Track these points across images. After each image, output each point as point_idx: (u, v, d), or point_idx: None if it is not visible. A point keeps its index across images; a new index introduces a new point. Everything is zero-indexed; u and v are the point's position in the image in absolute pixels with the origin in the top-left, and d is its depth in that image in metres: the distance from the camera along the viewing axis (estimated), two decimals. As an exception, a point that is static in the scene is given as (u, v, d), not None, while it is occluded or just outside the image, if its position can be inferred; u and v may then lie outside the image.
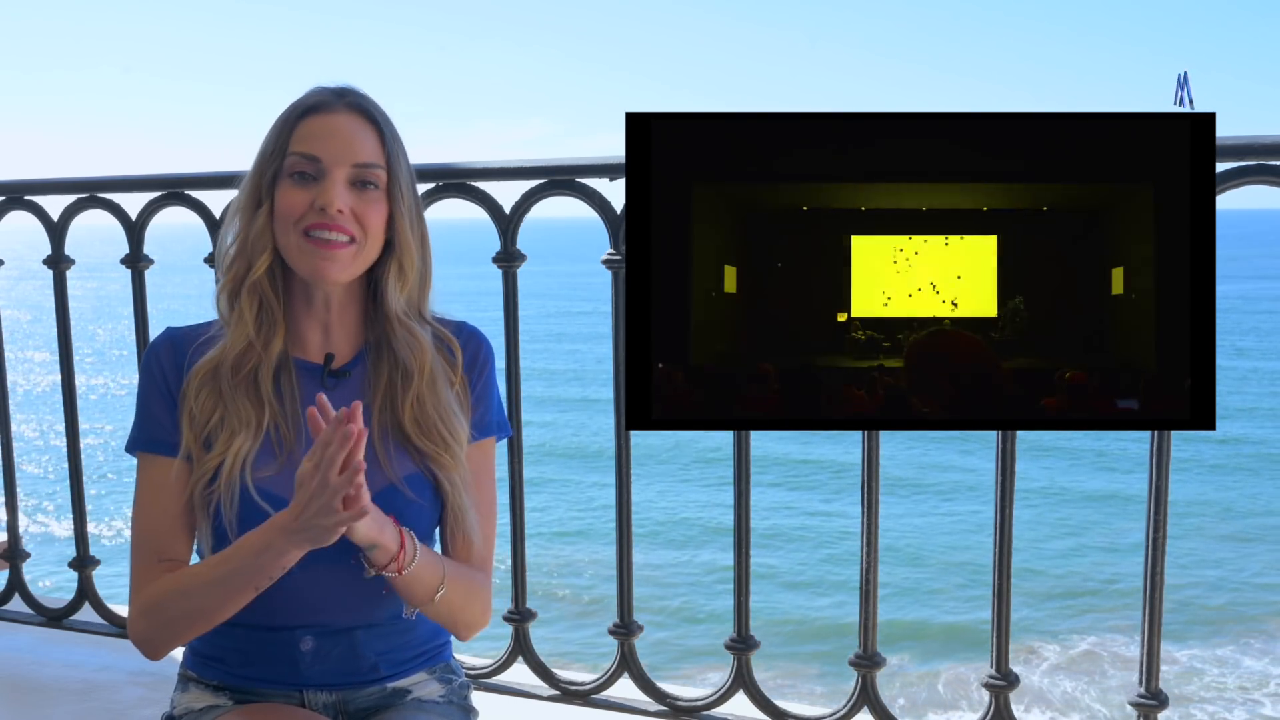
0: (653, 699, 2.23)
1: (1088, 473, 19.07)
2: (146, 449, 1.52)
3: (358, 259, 1.47)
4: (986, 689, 2.01)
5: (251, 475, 1.44)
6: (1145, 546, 1.88)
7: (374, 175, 1.47)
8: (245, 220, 1.48)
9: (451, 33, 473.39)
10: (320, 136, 1.45)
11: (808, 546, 15.41)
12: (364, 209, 1.45)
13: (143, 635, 1.49)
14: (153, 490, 1.51)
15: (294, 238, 1.45)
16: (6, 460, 2.77)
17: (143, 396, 1.54)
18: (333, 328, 1.53)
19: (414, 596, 1.46)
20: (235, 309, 1.49)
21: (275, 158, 1.46)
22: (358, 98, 1.49)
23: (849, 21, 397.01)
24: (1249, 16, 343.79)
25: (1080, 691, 10.64)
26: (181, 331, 1.55)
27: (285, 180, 1.45)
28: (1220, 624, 12.50)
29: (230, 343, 1.48)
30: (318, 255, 1.44)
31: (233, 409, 1.46)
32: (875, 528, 2.04)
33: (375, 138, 1.48)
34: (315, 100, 1.48)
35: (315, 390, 1.51)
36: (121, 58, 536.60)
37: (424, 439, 1.51)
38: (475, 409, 1.58)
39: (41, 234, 2.64)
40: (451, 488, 1.51)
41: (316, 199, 1.44)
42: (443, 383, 1.54)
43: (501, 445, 1.72)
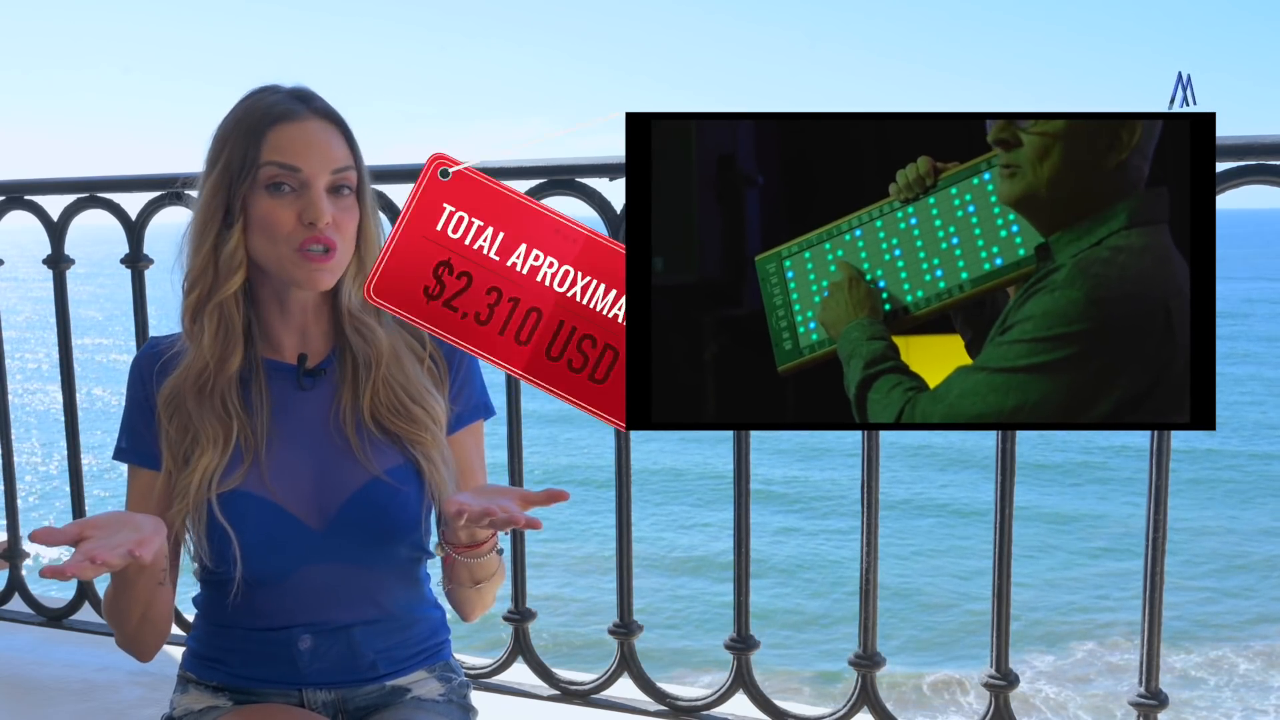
0: (653, 699, 2.23)
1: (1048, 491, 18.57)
2: (132, 460, 1.54)
3: (341, 264, 1.47)
4: (986, 689, 2.01)
5: (217, 489, 1.45)
6: (1145, 546, 1.88)
7: (348, 179, 1.46)
8: (212, 238, 1.45)
9: (451, 33, 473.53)
10: (296, 146, 1.43)
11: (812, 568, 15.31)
12: (342, 216, 1.45)
13: (119, 645, 1.53)
14: (138, 500, 1.53)
15: (283, 250, 1.43)
16: (6, 460, 2.77)
17: (127, 408, 1.56)
18: (309, 330, 1.54)
19: (472, 576, 1.50)
20: (196, 324, 1.48)
21: (246, 170, 1.42)
22: (320, 101, 1.48)
23: (849, 21, 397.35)
24: (1249, 16, 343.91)
25: (1066, 699, 10.62)
26: (164, 342, 1.56)
27: (260, 193, 1.42)
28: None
29: (190, 362, 1.48)
30: (312, 268, 1.43)
31: (200, 427, 1.47)
32: (875, 528, 2.04)
33: (343, 141, 1.47)
34: (283, 108, 1.45)
35: (290, 391, 1.52)
36: (121, 58, 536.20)
37: (397, 420, 1.51)
38: (461, 392, 1.58)
39: (41, 234, 2.64)
40: (430, 465, 1.51)
41: (304, 213, 1.42)
42: (409, 359, 1.53)
43: (501, 443, 1.72)
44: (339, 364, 1.54)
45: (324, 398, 1.53)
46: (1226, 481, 18.87)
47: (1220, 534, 16.13)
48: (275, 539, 1.46)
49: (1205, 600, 13.47)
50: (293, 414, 1.52)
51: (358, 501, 1.48)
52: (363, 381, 1.51)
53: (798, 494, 18.08)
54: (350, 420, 1.51)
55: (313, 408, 1.52)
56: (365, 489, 1.47)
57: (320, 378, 1.54)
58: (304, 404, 1.52)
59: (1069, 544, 15.70)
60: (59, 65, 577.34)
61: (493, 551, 1.48)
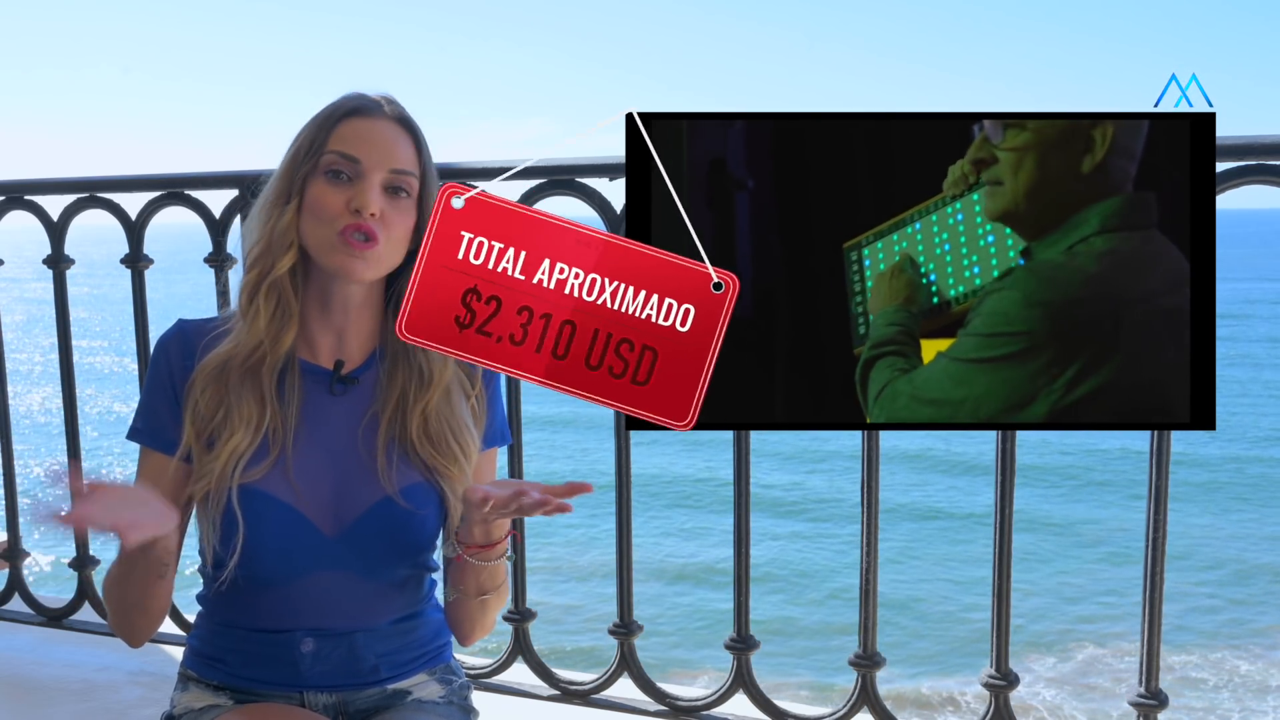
0: (653, 699, 2.23)
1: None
2: (146, 442, 1.53)
3: (383, 261, 1.46)
4: (986, 689, 2.01)
5: (240, 479, 1.44)
6: (1145, 546, 1.88)
7: (407, 183, 1.46)
8: (272, 215, 1.47)
9: (451, 33, 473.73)
10: (362, 139, 1.45)
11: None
12: (393, 215, 1.45)
13: (110, 624, 1.54)
14: (148, 484, 1.51)
15: (326, 233, 1.44)
16: (6, 460, 2.77)
17: (148, 388, 1.54)
18: (347, 332, 1.53)
19: (479, 586, 1.50)
20: (253, 304, 1.48)
21: (311, 155, 1.45)
22: (400, 108, 1.50)
23: (849, 21, 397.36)
24: (1249, 16, 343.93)
25: (1064, 702, 10.60)
26: (193, 324, 1.54)
27: (319, 178, 1.45)
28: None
29: (243, 339, 1.48)
30: (349, 253, 1.43)
31: (236, 405, 1.46)
32: (875, 528, 2.04)
33: (412, 147, 1.48)
34: (359, 104, 1.48)
35: (321, 395, 1.51)
36: (121, 58, 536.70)
37: (432, 451, 1.50)
38: (483, 418, 1.58)
39: (42, 234, 2.64)
40: (455, 498, 1.51)
41: (352, 200, 1.43)
42: (458, 395, 1.53)
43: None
44: (382, 378, 1.52)
45: (354, 406, 1.52)
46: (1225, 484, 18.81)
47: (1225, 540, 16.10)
48: (289, 542, 1.46)
49: (1210, 610, 13.46)
50: (321, 418, 1.51)
51: (373, 517, 1.48)
52: (412, 398, 1.50)
53: (797, 499, 18.03)
54: (383, 435, 1.50)
55: (342, 415, 1.51)
56: (380, 506, 1.46)
57: (353, 386, 1.53)
58: (333, 409, 1.51)
59: (1068, 550, 15.67)
60: (59, 65, 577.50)
61: (503, 557, 1.48)
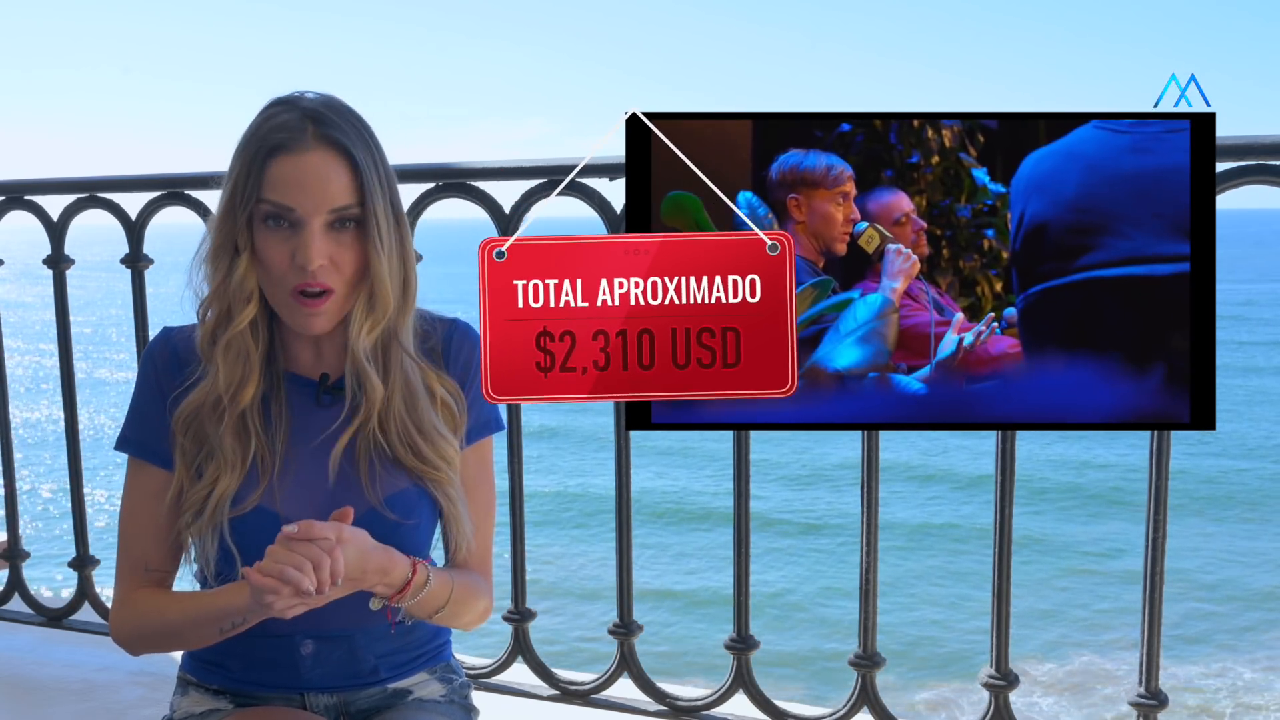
0: (653, 699, 2.23)
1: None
2: (135, 453, 1.52)
3: (341, 304, 1.44)
4: (986, 689, 2.01)
5: (229, 513, 1.44)
6: (1145, 546, 1.88)
7: (350, 213, 1.41)
8: (223, 266, 1.43)
9: (451, 33, 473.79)
10: (292, 184, 1.38)
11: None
12: (340, 253, 1.41)
13: (123, 639, 1.52)
14: (140, 496, 1.52)
15: (278, 292, 1.42)
16: (7, 460, 2.77)
17: (136, 398, 1.54)
18: (323, 347, 1.52)
19: (419, 614, 1.48)
20: (213, 359, 1.46)
21: (246, 204, 1.40)
22: (326, 125, 1.41)
23: (849, 21, 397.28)
24: (1249, 17, 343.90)
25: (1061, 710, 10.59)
26: (179, 332, 1.53)
27: (260, 225, 1.40)
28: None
29: (208, 388, 1.46)
30: (304, 313, 1.41)
31: (219, 448, 1.45)
32: (875, 527, 2.04)
33: (347, 173, 1.40)
34: (282, 137, 1.39)
35: (309, 405, 1.51)
36: (121, 58, 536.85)
37: (413, 456, 1.49)
38: (472, 409, 1.57)
39: (41, 234, 2.64)
40: (447, 501, 1.51)
41: (296, 254, 1.38)
42: (424, 404, 1.50)
43: (501, 444, 1.72)
44: (355, 387, 1.50)
45: (339, 416, 1.51)
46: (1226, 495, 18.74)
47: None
48: None
49: (1205, 616, 13.45)
50: (311, 430, 1.50)
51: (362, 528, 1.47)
52: (388, 410, 1.48)
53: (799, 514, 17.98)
54: (364, 445, 1.49)
55: (328, 426, 1.50)
56: (366, 518, 1.44)
57: (340, 395, 1.51)
58: (323, 420, 1.50)
59: (1069, 561, 15.65)
60: (59, 65, 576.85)
61: (425, 590, 1.43)
